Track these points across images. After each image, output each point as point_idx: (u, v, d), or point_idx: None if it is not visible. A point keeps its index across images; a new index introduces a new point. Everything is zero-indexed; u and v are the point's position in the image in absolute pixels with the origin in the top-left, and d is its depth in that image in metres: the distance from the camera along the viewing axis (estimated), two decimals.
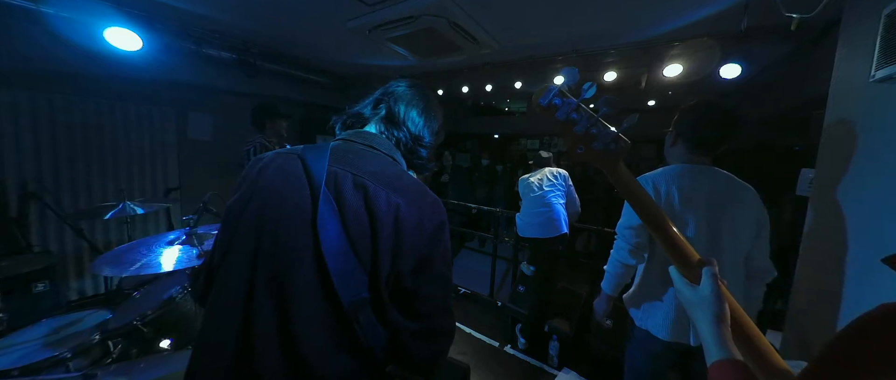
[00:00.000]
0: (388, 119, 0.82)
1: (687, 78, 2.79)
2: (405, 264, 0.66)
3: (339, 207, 0.65)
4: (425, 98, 0.87)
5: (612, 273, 1.35)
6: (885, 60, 1.16)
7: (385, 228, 0.65)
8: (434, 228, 0.69)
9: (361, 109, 0.85)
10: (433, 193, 0.75)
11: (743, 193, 1.21)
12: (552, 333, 2.54)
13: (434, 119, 0.88)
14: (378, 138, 0.79)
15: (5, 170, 2.50)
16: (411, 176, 0.76)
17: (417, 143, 0.84)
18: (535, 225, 2.67)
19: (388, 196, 0.67)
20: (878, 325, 0.36)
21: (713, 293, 0.56)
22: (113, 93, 2.93)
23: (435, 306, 0.71)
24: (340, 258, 0.63)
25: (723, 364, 0.50)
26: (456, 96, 5.21)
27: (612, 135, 0.59)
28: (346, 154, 0.73)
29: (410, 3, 2.13)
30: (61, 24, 2.08)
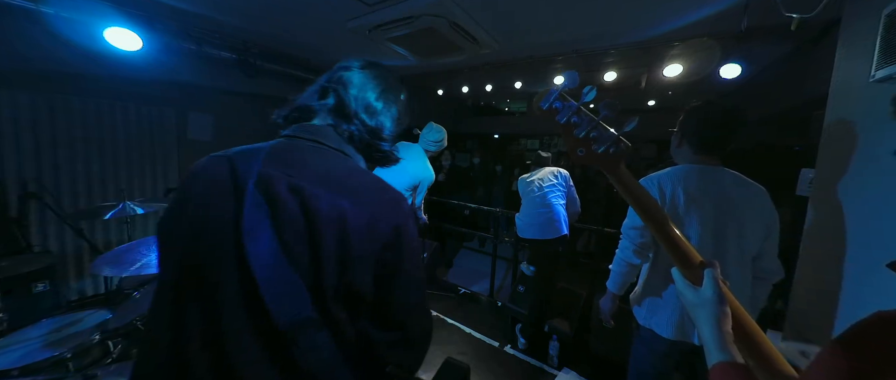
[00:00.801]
0: (338, 110, 0.71)
1: (687, 78, 2.79)
2: (360, 273, 0.59)
3: (272, 214, 0.58)
4: (381, 80, 0.76)
5: (618, 272, 1.35)
6: (885, 60, 1.16)
7: (327, 235, 0.57)
8: (393, 229, 0.62)
9: (306, 101, 0.73)
10: (397, 190, 0.68)
11: (752, 193, 1.21)
12: (552, 333, 2.54)
13: (393, 103, 0.77)
14: (324, 132, 0.69)
15: (5, 170, 2.50)
16: (366, 173, 0.68)
17: (375, 135, 0.74)
18: (535, 226, 2.67)
19: (331, 198, 0.59)
20: (874, 331, 0.36)
21: (715, 295, 0.56)
22: (113, 93, 2.93)
23: (408, 314, 0.65)
24: (272, 271, 0.56)
25: (724, 367, 0.50)
26: (456, 96, 5.21)
27: (612, 137, 0.60)
28: (284, 154, 0.65)
29: (410, 3, 2.13)
30: (61, 24, 2.08)
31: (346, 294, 0.59)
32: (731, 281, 1.19)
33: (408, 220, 0.65)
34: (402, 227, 0.63)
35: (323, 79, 0.75)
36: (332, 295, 0.58)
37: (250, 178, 0.60)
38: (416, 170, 2.62)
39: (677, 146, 1.32)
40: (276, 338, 0.56)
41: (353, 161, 0.70)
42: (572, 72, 0.59)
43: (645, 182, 1.24)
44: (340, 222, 0.58)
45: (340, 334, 0.59)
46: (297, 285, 0.56)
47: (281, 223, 0.57)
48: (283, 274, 0.56)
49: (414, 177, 2.61)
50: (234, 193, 0.60)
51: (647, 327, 1.29)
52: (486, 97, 6.28)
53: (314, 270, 0.57)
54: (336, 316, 0.59)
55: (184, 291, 0.59)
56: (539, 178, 2.73)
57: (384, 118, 0.75)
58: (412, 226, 0.66)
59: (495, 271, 3.50)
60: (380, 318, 0.63)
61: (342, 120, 0.71)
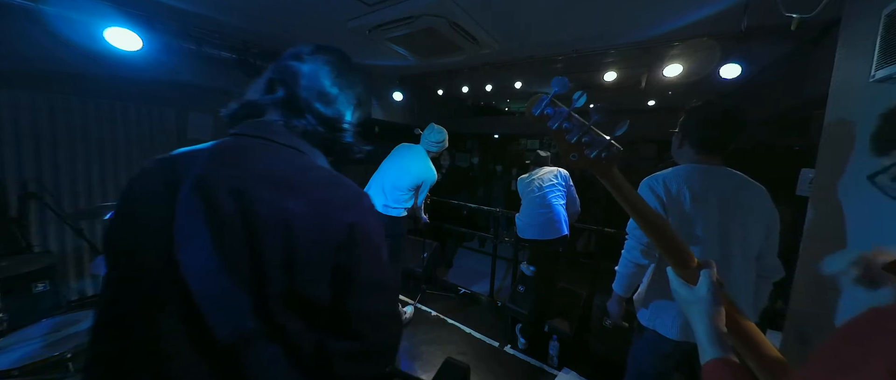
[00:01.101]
0: (288, 104, 0.64)
1: (687, 78, 2.79)
2: (311, 279, 0.54)
3: (208, 220, 0.53)
4: (335, 65, 0.69)
5: (624, 274, 1.33)
6: (885, 60, 1.16)
7: (268, 239, 0.53)
8: (347, 228, 0.56)
9: (253, 96, 0.67)
10: (355, 186, 0.63)
11: (754, 192, 1.21)
12: (552, 333, 2.54)
13: (350, 89, 0.71)
14: (274, 127, 0.63)
15: (5, 170, 2.50)
16: (320, 169, 0.63)
17: (333, 127, 0.67)
18: (535, 226, 2.67)
19: (275, 199, 0.54)
20: (868, 323, 0.37)
21: (709, 293, 0.57)
22: (113, 93, 2.93)
23: (368, 322, 0.59)
24: (208, 282, 0.52)
25: (716, 363, 0.51)
26: (456, 96, 5.21)
27: (604, 142, 0.60)
28: (228, 153, 0.60)
29: (410, 3, 2.13)
30: (61, 23, 2.08)
31: (298, 303, 0.54)
32: (736, 280, 1.20)
33: (365, 218, 0.60)
34: (357, 225, 0.57)
35: (270, 70, 0.68)
36: (280, 304, 0.53)
37: (186, 182, 0.56)
38: (419, 170, 2.64)
39: (678, 147, 1.32)
40: (221, 353, 0.52)
41: (309, 158, 0.64)
42: (562, 77, 0.59)
43: (650, 181, 1.24)
44: (284, 224, 0.53)
45: (294, 347, 0.55)
46: (237, 295, 0.52)
47: (218, 229, 0.53)
48: (220, 284, 0.52)
49: (416, 177, 2.63)
50: (169, 200, 0.56)
51: (651, 328, 1.28)
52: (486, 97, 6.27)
53: (256, 278, 0.52)
54: (287, 327, 0.54)
55: (123, 307, 0.55)
56: (539, 178, 2.73)
57: (342, 106, 0.69)
58: (372, 224, 0.61)
59: (495, 271, 3.51)
60: (337, 327, 0.58)
61: (293, 114, 0.64)
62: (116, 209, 0.62)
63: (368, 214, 0.61)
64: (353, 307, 0.58)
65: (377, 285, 0.60)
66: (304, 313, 0.55)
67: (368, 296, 0.59)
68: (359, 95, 0.73)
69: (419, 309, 3.20)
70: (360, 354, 0.59)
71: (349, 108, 0.71)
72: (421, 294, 3.42)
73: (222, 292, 0.52)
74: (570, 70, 3.65)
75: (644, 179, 1.27)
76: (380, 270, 0.61)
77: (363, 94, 0.75)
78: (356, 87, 0.72)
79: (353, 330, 0.58)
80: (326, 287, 0.56)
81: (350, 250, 0.56)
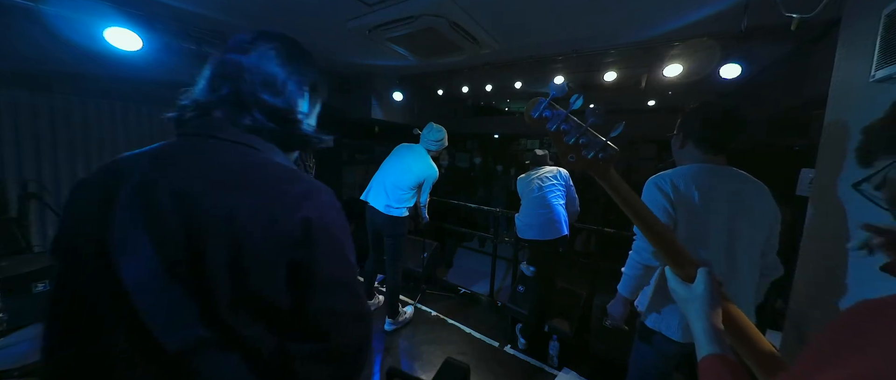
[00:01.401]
0: (234, 102, 0.60)
1: (687, 78, 2.79)
2: (265, 280, 0.51)
3: (149, 225, 0.51)
4: (280, 52, 0.64)
5: (632, 276, 1.30)
6: (885, 60, 1.16)
7: (213, 241, 0.50)
8: (301, 223, 0.53)
9: (198, 96, 0.63)
10: (313, 181, 0.59)
11: (757, 190, 1.22)
12: (552, 333, 2.54)
13: (301, 75, 0.66)
14: (221, 125, 0.59)
15: (5, 170, 2.50)
16: (273, 165, 0.58)
17: (286, 117, 0.63)
18: (535, 226, 2.67)
19: (219, 198, 0.51)
20: (855, 315, 0.38)
21: (706, 291, 0.58)
22: (113, 93, 2.93)
23: (331, 322, 0.56)
24: (150, 290, 0.49)
25: (713, 359, 0.52)
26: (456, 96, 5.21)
27: (600, 143, 0.61)
28: (172, 155, 0.57)
29: (410, 3, 2.13)
30: (61, 23, 2.08)
31: (254, 306, 0.51)
32: (743, 278, 1.20)
33: (323, 213, 0.56)
34: (313, 221, 0.54)
35: (210, 66, 0.64)
36: (231, 309, 0.50)
37: (125, 187, 0.53)
38: (420, 168, 2.65)
39: (680, 147, 1.31)
40: (173, 363, 0.49)
41: (262, 154, 0.60)
42: (560, 82, 0.61)
43: (657, 180, 1.24)
44: (230, 224, 0.50)
45: (253, 353, 0.52)
46: (182, 302, 0.49)
47: (159, 234, 0.50)
48: (163, 291, 0.49)
49: (418, 175, 2.64)
50: (106, 208, 0.52)
51: (656, 329, 1.27)
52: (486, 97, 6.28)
53: (202, 282, 0.49)
54: (243, 332, 0.51)
55: (70, 322, 0.53)
56: (538, 177, 2.72)
57: (293, 96, 0.64)
58: (332, 219, 0.58)
59: (495, 271, 3.50)
60: (299, 329, 0.54)
61: (241, 109, 0.60)
62: (61, 218, 0.59)
63: (327, 209, 0.58)
64: (314, 307, 0.54)
65: (339, 282, 0.57)
66: (262, 316, 0.52)
67: (330, 294, 0.55)
68: (312, 80, 0.69)
69: (419, 309, 3.20)
70: (325, 356, 0.55)
71: (302, 96, 0.67)
72: (421, 294, 3.42)
73: (165, 300, 0.50)
74: (570, 70, 3.65)
75: (650, 177, 1.26)
76: (341, 267, 0.57)
77: (316, 79, 0.70)
78: (307, 72, 0.67)
79: (316, 331, 0.55)
80: (284, 288, 0.52)
81: (307, 247, 0.53)
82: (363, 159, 5.36)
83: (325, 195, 0.59)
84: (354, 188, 5.33)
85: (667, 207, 1.18)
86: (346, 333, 0.57)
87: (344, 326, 0.57)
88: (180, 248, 0.50)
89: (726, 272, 1.16)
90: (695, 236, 1.17)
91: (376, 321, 2.91)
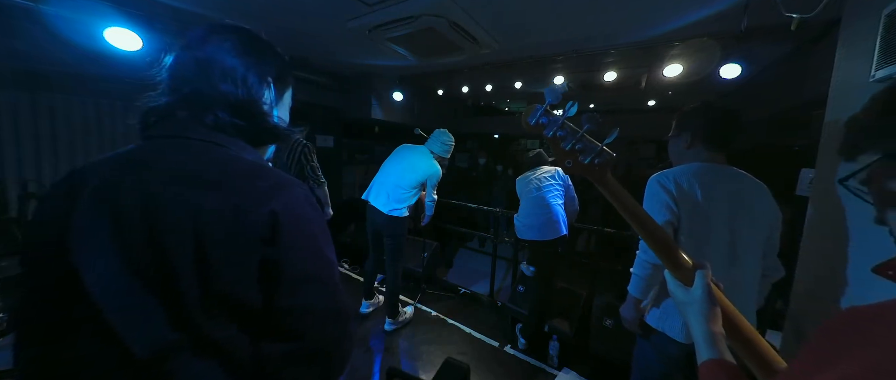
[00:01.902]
0: (196, 101, 0.59)
1: (687, 78, 2.80)
2: (233, 278, 0.50)
3: (112, 228, 0.49)
4: (236, 44, 0.62)
5: (641, 276, 1.28)
6: (885, 60, 1.16)
7: (177, 239, 0.48)
8: (270, 218, 0.51)
9: (159, 100, 0.61)
10: (283, 176, 0.58)
11: (759, 190, 1.22)
12: (552, 333, 2.54)
13: (262, 65, 0.64)
14: (185, 123, 0.58)
15: (5, 170, 2.50)
16: (240, 160, 0.57)
17: (250, 110, 0.61)
18: (534, 227, 2.67)
19: (183, 196, 0.50)
20: (841, 323, 0.39)
21: (704, 294, 0.59)
22: (113, 93, 2.93)
23: (305, 320, 0.54)
24: (115, 292, 0.48)
25: (712, 364, 0.52)
26: (456, 96, 5.21)
27: (596, 148, 0.63)
28: (135, 157, 0.56)
29: (410, 3, 2.13)
30: (61, 23, 2.08)
31: (225, 306, 0.50)
32: (745, 278, 1.20)
33: (292, 207, 0.54)
34: (281, 215, 0.52)
35: (170, 68, 0.62)
36: (202, 311, 0.48)
37: (86, 192, 0.51)
38: (423, 166, 2.67)
39: (687, 147, 1.30)
40: (145, 370, 0.48)
41: (230, 150, 0.58)
42: (555, 87, 0.62)
43: (660, 178, 1.23)
44: (194, 221, 0.49)
45: (228, 355, 0.50)
46: (149, 305, 0.48)
47: (122, 236, 0.49)
48: (128, 296, 0.48)
49: (422, 174, 2.66)
50: (69, 212, 0.51)
51: (660, 330, 1.26)
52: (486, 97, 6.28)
53: (169, 284, 0.48)
54: (215, 335, 0.49)
55: (37, 327, 0.52)
56: (537, 178, 2.72)
57: (255, 86, 0.62)
58: (303, 213, 0.56)
59: (495, 271, 3.50)
60: (273, 328, 0.53)
61: (204, 107, 0.58)
62: (24, 234, 0.59)
63: (297, 203, 0.56)
64: (286, 305, 0.52)
65: (312, 278, 0.55)
66: (235, 317, 0.50)
67: (302, 291, 0.54)
68: (276, 71, 0.66)
69: (419, 309, 3.20)
70: (300, 356, 0.54)
71: (265, 88, 0.64)
72: (421, 294, 3.42)
73: (131, 304, 0.48)
74: (570, 70, 3.65)
75: (652, 175, 1.26)
76: (314, 263, 0.56)
77: (281, 69, 0.68)
78: (269, 63, 0.65)
79: (289, 331, 0.53)
80: (255, 286, 0.51)
81: (276, 243, 0.51)
82: (363, 159, 5.36)
83: (297, 189, 0.57)
84: (354, 188, 5.33)
85: (670, 205, 1.17)
86: (321, 331, 0.55)
87: (318, 324, 0.55)
88: (145, 250, 0.48)
89: (728, 271, 1.16)
90: (698, 234, 1.17)
91: (376, 321, 2.91)
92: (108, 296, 0.48)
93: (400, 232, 2.71)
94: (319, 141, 4.48)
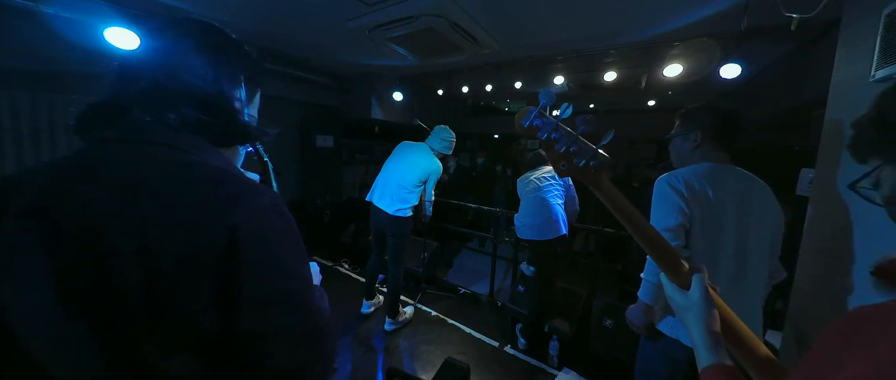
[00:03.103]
0: (154, 96, 0.52)
1: (687, 78, 2.80)
2: (183, 301, 0.43)
3: (41, 248, 0.42)
4: (200, 36, 0.57)
5: (654, 282, 1.23)
6: (885, 60, 1.16)
7: (121, 260, 0.41)
8: (229, 232, 0.45)
9: (108, 95, 0.55)
10: (247, 182, 0.51)
11: (763, 191, 1.21)
12: (552, 333, 2.54)
13: (232, 60, 0.59)
14: (140, 125, 0.51)
15: (5, 170, 2.50)
16: (201, 165, 0.50)
17: (218, 107, 0.55)
18: (533, 226, 2.67)
19: (128, 209, 0.43)
20: (848, 323, 0.39)
21: (702, 298, 0.58)
22: None
23: (272, 344, 0.47)
24: (50, 329, 0.41)
25: (714, 370, 0.52)
26: (456, 96, 5.21)
27: (591, 151, 0.62)
28: (77, 165, 0.49)
29: (410, 3, 2.13)
30: (61, 23, 2.08)
31: (177, 335, 0.43)
32: (754, 277, 1.19)
33: (254, 218, 0.47)
34: (241, 228, 0.45)
35: (122, 59, 0.56)
36: (150, 342, 0.42)
37: (13, 208, 0.44)
38: (424, 164, 2.69)
39: (696, 146, 1.28)
40: None
41: (190, 154, 0.51)
42: (549, 90, 0.61)
43: (670, 178, 1.21)
44: (138, 239, 0.42)
45: None
46: (88, 340, 0.41)
47: (56, 261, 0.42)
48: (63, 330, 0.41)
49: (423, 172, 2.67)
50: None
51: (674, 338, 1.23)
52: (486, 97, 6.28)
53: (111, 314, 0.41)
54: (167, 369, 0.43)
55: None
56: (537, 177, 2.72)
57: (225, 79, 0.57)
58: (270, 224, 0.49)
59: (495, 271, 3.50)
60: (233, 354, 0.46)
61: (164, 104, 0.52)
62: None
63: (262, 214, 0.49)
64: (249, 328, 0.46)
65: (278, 297, 0.48)
66: (188, 346, 0.44)
67: (267, 312, 0.47)
68: (247, 67, 0.62)
69: (419, 309, 3.20)
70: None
71: (236, 85, 0.59)
72: (421, 294, 3.42)
73: (67, 341, 0.41)
74: (570, 70, 3.65)
75: (660, 177, 1.24)
76: (281, 280, 0.49)
77: (251, 66, 0.63)
78: (240, 59, 0.61)
79: (253, 356, 0.46)
80: (212, 309, 0.44)
81: (236, 260, 0.45)
82: (363, 159, 5.36)
83: (264, 198, 0.50)
84: (354, 188, 5.33)
85: (682, 207, 1.15)
86: (289, 356, 0.49)
87: (285, 348, 0.48)
88: (83, 277, 0.42)
89: (737, 272, 1.15)
90: (710, 236, 1.16)
91: (376, 321, 2.91)
92: (39, 333, 0.41)
93: (404, 232, 2.73)
94: (319, 141, 4.48)
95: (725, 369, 0.51)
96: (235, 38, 0.62)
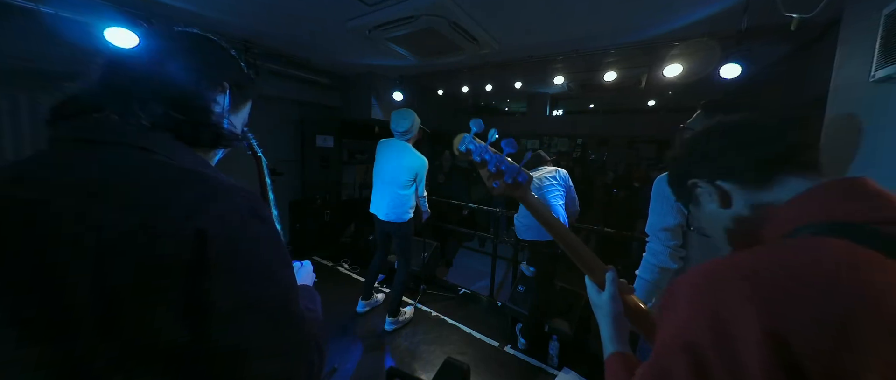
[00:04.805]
0: (124, 93, 0.50)
1: (687, 78, 2.79)
2: (144, 315, 0.39)
3: None
4: (185, 41, 0.57)
5: (650, 281, 1.23)
6: (885, 60, 1.16)
7: (75, 272, 0.38)
8: (196, 237, 0.41)
9: (79, 92, 0.53)
10: (218, 183, 0.47)
11: None
12: (552, 333, 2.54)
13: (219, 63, 0.59)
14: (106, 124, 0.49)
15: None
16: (166, 166, 0.47)
17: (193, 105, 0.54)
18: (534, 227, 2.66)
19: (83, 216, 0.40)
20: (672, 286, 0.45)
21: (610, 296, 0.66)
22: None
23: (245, 358, 0.44)
24: None
25: (613, 357, 0.61)
26: (456, 96, 5.21)
27: (516, 169, 0.71)
28: (35, 168, 0.45)
29: (410, 3, 2.13)
30: (61, 23, 2.08)
31: (142, 353, 0.39)
32: None
33: (227, 221, 0.44)
34: (210, 233, 0.41)
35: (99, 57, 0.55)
36: (108, 363, 0.38)
37: None
38: (408, 161, 2.66)
39: None
40: None
41: (157, 154, 0.48)
42: (477, 119, 0.71)
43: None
44: (96, 249, 0.38)
45: None
46: (39, 365, 0.37)
47: (6, 267, 0.38)
48: (5, 344, 0.37)
49: (410, 169, 2.66)
50: None
51: None
52: (486, 97, 6.28)
53: (65, 334, 0.37)
54: None
55: None
56: (537, 178, 2.72)
57: (205, 80, 0.56)
58: (242, 227, 0.45)
59: (495, 271, 3.50)
60: (204, 369, 0.42)
61: (136, 103, 0.49)
62: None
63: (234, 216, 0.45)
64: (220, 341, 0.42)
65: (253, 306, 0.44)
66: (152, 364, 0.40)
67: (240, 323, 0.43)
68: (233, 74, 0.60)
69: (419, 309, 3.20)
70: None
71: (218, 88, 0.58)
72: (421, 294, 3.42)
73: (13, 368, 0.37)
74: (570, 70, 3.65)
75: (660, 175, 1.24)
76: (257, 287, 0.45)
77: (239, 74, 0.61)
78: (227, 65, 0.60)
79: (228, 371, 0.43)
80: (179, 322, 0.40)
81: (205, 267, 0.41)
82: (363, 159, 5.35)
83: (237, 197, 0.47)
84: (354, 188, 5.32)
85: (680, 207, 1.13)
86: (265, 371, 0.45)
87: (261, 362, 0.45)
88: (35, 295, 0.38)
89: None
90: None
91: (376, 321, 2.91)
92: None
93: (409, 232, 2.78)
94: (319, 141, 4.47)
95: (623, 356, 0.60)
96: (226, 47, 0.62)
